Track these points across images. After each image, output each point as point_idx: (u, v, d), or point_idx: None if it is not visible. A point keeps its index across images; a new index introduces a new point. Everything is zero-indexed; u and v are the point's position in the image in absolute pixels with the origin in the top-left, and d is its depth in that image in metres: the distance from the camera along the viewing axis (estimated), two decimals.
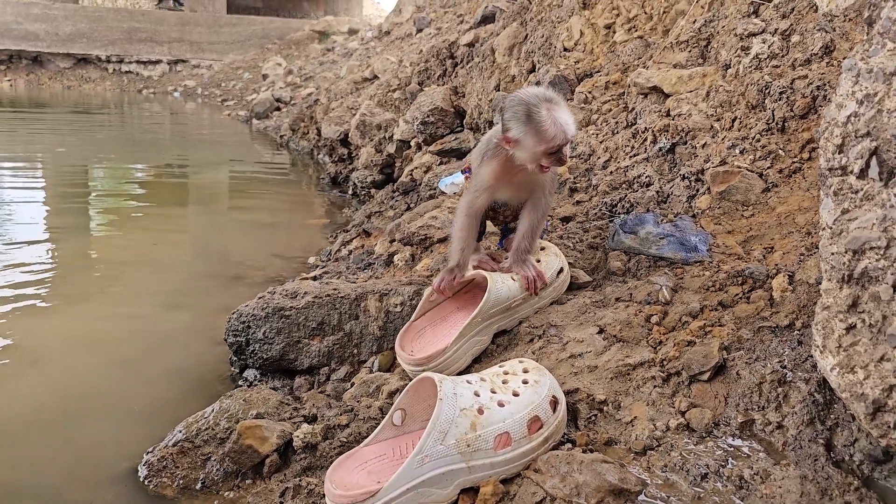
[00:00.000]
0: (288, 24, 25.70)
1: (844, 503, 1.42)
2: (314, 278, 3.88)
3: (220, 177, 8.34)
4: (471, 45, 6.01)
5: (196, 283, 4.15)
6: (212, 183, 7.97)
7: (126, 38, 24.29)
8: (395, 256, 3.19)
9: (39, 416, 2.62)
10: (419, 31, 10.86)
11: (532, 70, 4.38)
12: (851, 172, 1.58)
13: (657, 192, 2.70)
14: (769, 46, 2.80)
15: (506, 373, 1.94)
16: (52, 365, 3.00)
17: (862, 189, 1.56)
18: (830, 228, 1.62)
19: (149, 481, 2.16)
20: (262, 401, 2.36)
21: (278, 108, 13.76)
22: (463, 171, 2.54)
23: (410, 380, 2.30)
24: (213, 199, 7.12)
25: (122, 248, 4.99)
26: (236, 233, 5.66)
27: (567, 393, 1.97)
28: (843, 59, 2.16)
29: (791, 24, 2.81)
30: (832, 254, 1.60)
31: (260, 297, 2.82)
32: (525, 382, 1.88)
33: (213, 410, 2.33)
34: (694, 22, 3.28)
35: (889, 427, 1.48)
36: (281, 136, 10.97)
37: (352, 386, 2.38)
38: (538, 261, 2.38)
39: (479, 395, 1.82)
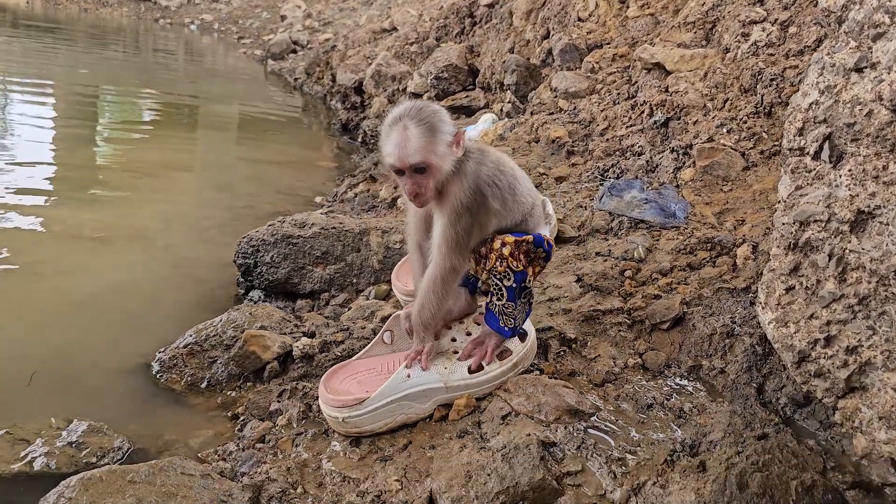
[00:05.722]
0: None
1: (763, 434, 1.66)
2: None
3: (232, 112, 8.49)
4: (490, 5, 6.14)
5: (204, 208, 4.36)
6: (223, 117, 8.13)
7: None
8: (399, 199, 3.40)
9: (68, 309, 2.87)
10: None
11: (546, 36, 4.55)
12: (807, 154, 1.79)
13: (647, 161, 2.90)
14: (767, 35, 2.98)
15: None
16: (71, 272, 3.23)
17: (815, 169, 1.77)
18: (784, 202, 1.83)
19: (160, 376, 2.40)
20: (267, 315, 2.59)
21: (294, 51, 13.80)
22: None
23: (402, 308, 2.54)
24: (224, 132, 7.29)
25: (132, 167, 5.18)
26: (245, 167, 5.85)
27: (541, 330, 2.21)
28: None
29: (791, 16, 2.99)
30: (783, 224, 1.82)
31: (270, 224, 3.04)
32: None
33: (221, 320, 2.56)
34: (703, 4, 3.45)
35: (810, 375, 1.71)
36: (295, 79, 11.06)
37: (349, 310, 2.61)
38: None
39: (455, 340, 2.06)
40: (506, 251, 1.86)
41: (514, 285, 1.89)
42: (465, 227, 1.87)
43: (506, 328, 1.95)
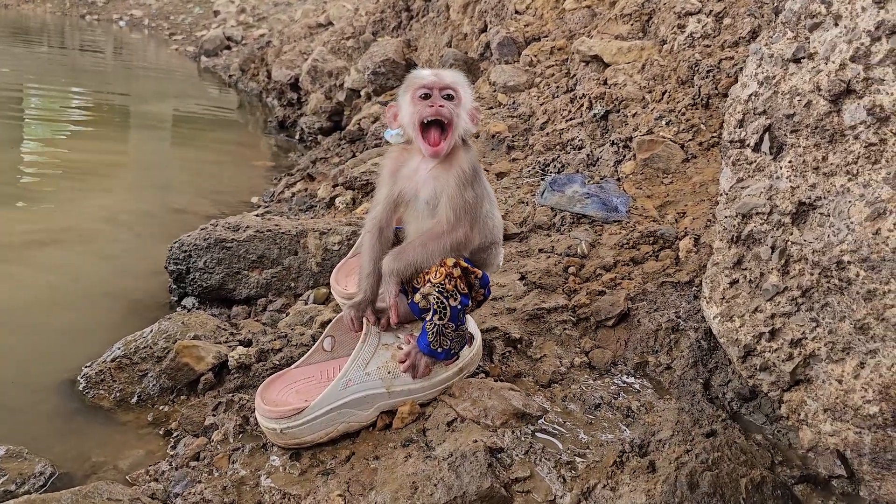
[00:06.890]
0: None
1: (711, 431, 1.64)
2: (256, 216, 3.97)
3: (165, 110, 8.21)
4: None
5: (136, 210, 4.18)
6: (156, 116, 7.85)
7: None
8: (337, 199, 3.32)
9: None
10: None
11: (484, 30, 4.50)
12: (748, 146, 1.77)
13: (588, 155, 2.88)
14: (703, 27, 2.99)
15: None
16: None
17: (755, 161, 1.76)
18: (726, 195, 1.82)
19: (86, 392, 2.26)
20: (201, 324, 2.47)
21: (228, 47, 13.45)
22: None
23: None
24: (157, 131, 7.04)
25: (60, 169, 4.93)
26: (179, 167, 5.65)
27: (485, 331, 2.15)
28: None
29: (725, 8, 3.00)
30: (725, 217, 1.80)
31: (202, 229, 2.91)
32: None
33: (151, 331, 2.43)
34: None
35: (756, 369, 1.70)
36: (230, 76, 10.79)
37: (287, 316, 2.52)
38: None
39: (399, 337, 1.99)
40: (456, 272, 1.77)
41: (459, 307, 1.80)
42: (472, 198, 1.78)
43: (439, 350, 1.86)
